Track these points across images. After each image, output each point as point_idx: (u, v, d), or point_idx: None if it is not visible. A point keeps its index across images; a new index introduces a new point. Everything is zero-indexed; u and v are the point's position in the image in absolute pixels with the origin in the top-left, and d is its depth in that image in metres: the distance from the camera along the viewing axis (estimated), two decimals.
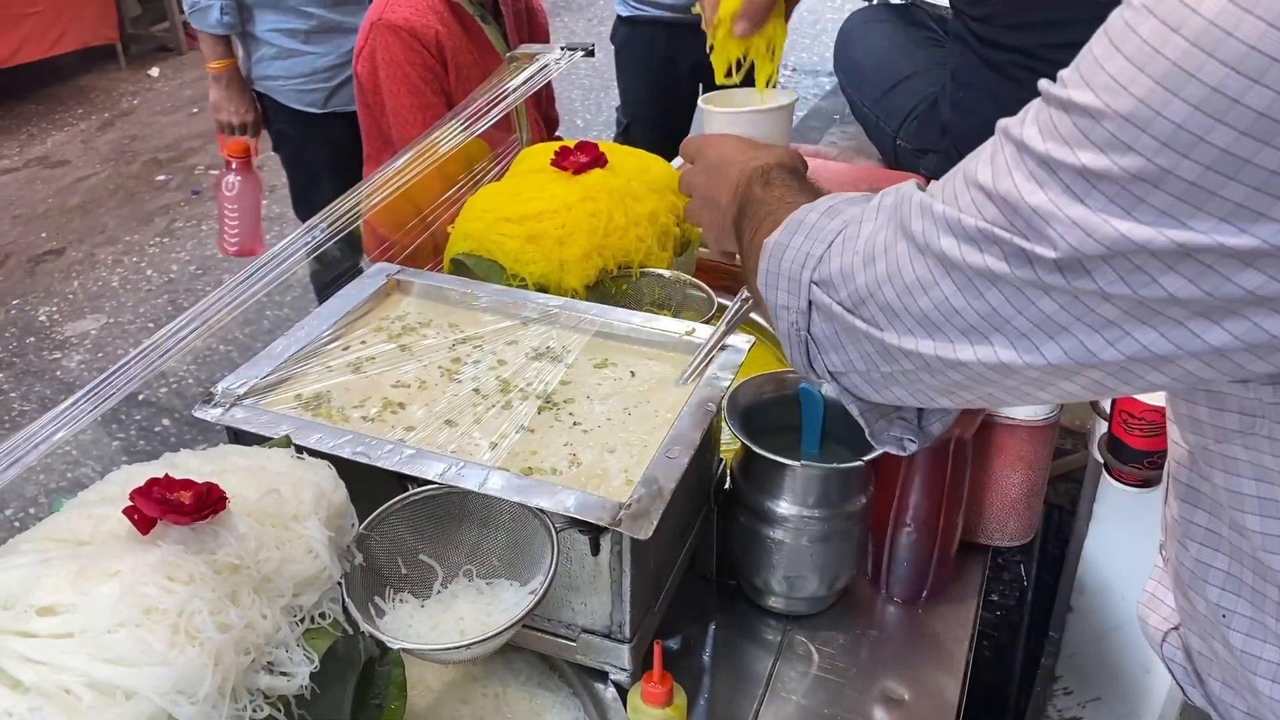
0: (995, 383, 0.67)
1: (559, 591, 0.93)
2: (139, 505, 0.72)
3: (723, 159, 1.02)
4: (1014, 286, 0.61)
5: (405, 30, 1.98)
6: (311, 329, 1.10)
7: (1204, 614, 0.75)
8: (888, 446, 0.84)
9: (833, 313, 0.75)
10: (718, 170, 1.01)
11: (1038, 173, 0.58)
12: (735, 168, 0.98)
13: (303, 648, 0.74)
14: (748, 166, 0.97)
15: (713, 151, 1.04)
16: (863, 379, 0.77)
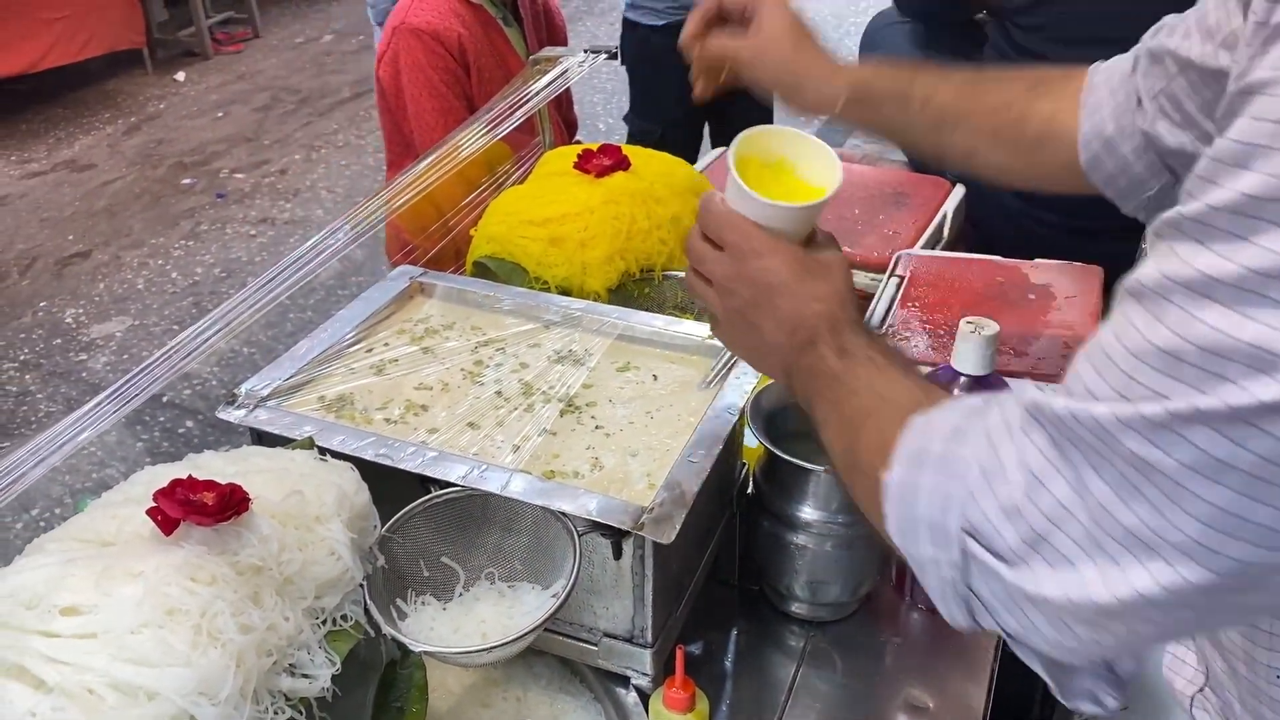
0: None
1: (580, 595, 0.92)
2: (162, 506, 0.72)
3: (773, 286, 0.82)
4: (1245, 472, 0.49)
5: (428, 34, 1.99)
6: (335, 331, 1.10)
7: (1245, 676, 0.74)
8: (1080, 703, 0.67)
9: (998, 574, 0.59)
10: (767, 297, 0.83)
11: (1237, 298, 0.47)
12: (791, 304, 0.81)
13: (325, 650, 0.74)
14: (810, 312, 0.80)
15: (759, 265, 0.83)
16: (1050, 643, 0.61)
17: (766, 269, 0.83)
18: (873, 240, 1.52)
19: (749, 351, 0.90)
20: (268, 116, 5.71)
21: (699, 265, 0.88)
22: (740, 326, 0.87)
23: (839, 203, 1.64)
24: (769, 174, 0.88)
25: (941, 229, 1.58)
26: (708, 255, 0.87)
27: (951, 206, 1.62)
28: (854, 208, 1.62)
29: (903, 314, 1.27)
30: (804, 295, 0.82)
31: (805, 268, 0.83)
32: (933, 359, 1.16)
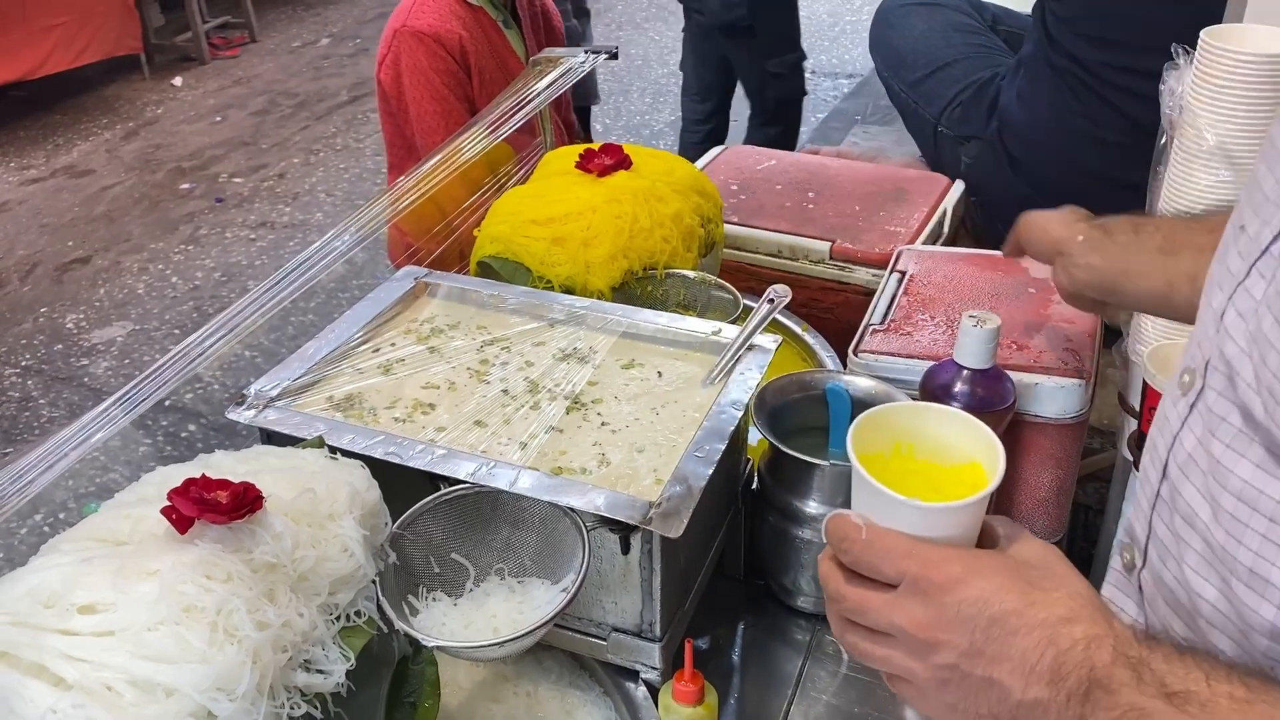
0: None
1: (589, 590, 0.93)
2: (177, 505, 0.73)
3: (997, 620, 0.61)
4: None
5: (430, 36, 2.00)
6: (342, 332, 1.11)
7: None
8: None
9: None
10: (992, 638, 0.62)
11: None
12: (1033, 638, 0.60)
13: (339, 645, 0.75)
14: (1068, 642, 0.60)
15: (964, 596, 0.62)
16: None
17: (978, 599, 0.62)
18: (874, 236, 1.53)
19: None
20: (265, 120, 5.72)
21: (862, 617, 0.66)
22: (963, 689, 0.64)
23: (839, 199, 1.65)
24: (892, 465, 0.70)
25: (942, 224, 1.59)
26: (874, 602, 0.65)
27: (952, 202, 1.63)
28: (855, 204, 1.63)
29: (904, 309, 1.28)
30: (1047, 619, 0.61)
31: (1026, 580, 0.63)
32: (935, 353, 1.17)
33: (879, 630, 0.65)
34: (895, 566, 0.64)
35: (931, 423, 0.71)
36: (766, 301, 1.12)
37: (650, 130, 5.37)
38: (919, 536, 0.64)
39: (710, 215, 1.40)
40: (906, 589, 0.63)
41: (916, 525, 0.64)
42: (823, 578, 0.69)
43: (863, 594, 0.65)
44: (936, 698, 0.65)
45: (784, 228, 1.58)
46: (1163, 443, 0.73)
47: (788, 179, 1.72)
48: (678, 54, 3.96)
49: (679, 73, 3.98)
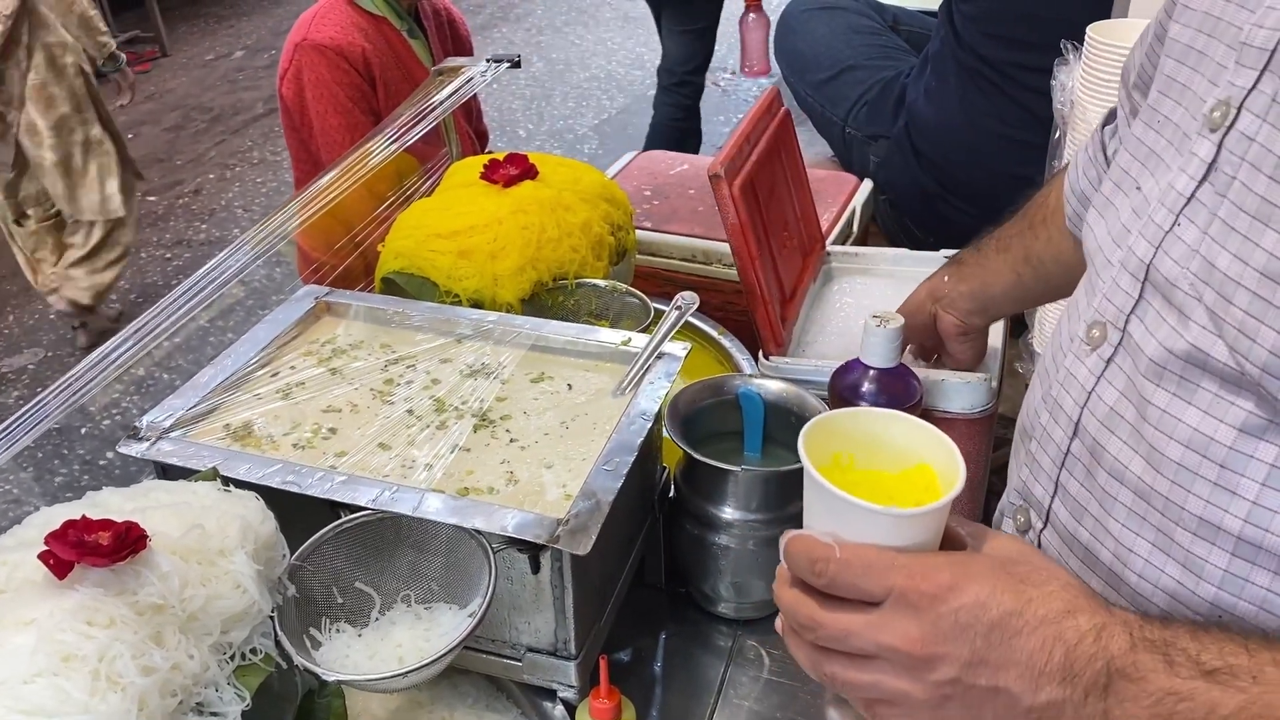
0: None
1: (502, 612, 0.91)
2: (54, 549, 0.70)
3: (997, 624, 0.58)
4: None
5: (331, 50, 1.96)
6: (239, 356, 1.07)
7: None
8: None
9: None
10: (994, 644, 0.58)
11: None
12: (1038, 638, 0.57)
13: (234, 686, 0.73)
14: (1073, 635, 0.57)
15: (959, 605, 0.58)
16: None
17: (974, 604, 0.58)
18: None
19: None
20: (179, 136, 5.59)
21: (841, 643, 0.61)
22: (966, 703, 0.59)
23: None
24: (835, 476, 0.64)
25: (852, 223, 1.60)
26: (856, 624, 0.60)
27: (860, 201, 1.64)
28: None
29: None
30: (1048, 616, 0.57)
31: (1016, 576, 0.59)
32: (843, 354, 1.17)
33: (863, 654, 0.61)
34: (879, 582, 0.59)
35: (876, 428, 0.68)
36: (674, 309, 1.12)
37: (574, 135, 5.36)
38: (892, 547, 0.60)
39: (620, 223, 1.39)
40: (894, 605, 0.59)
41: (890, 535, 0.60)
42: (789, 606, 0.64)
43: (843, 618, 0.60)
44: (933, 717, 0.60)
45: (697, 232, 1.57)
46: (1069, 399, 0.73)
47: (700, 182, 1.72)
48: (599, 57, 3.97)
49: (600, 76, 3.99)
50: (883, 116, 1.87)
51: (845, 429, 0.68)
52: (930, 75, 1.80)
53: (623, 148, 3.12)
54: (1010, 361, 1.37)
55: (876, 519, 0.60)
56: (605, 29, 6.86)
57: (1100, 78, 1.11)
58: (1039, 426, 0.79)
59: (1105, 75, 1.11)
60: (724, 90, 5.74)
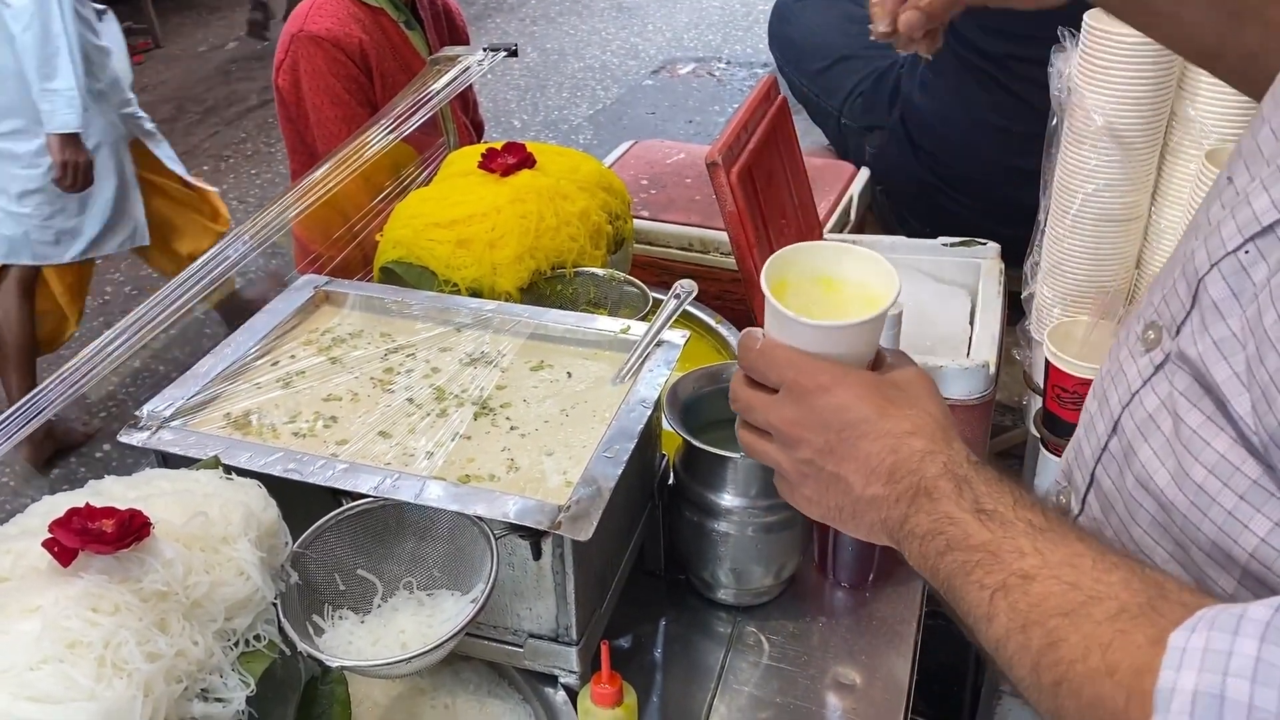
0: None
1: (503, 598, 0.92)
2: (58, 537, 0.70)
3: (850, 424, 0.69)
4: None
5: (328, 40, 1.96)
6: (238, 346, 1.08)
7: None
8: None
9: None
10: (845, 439, 0.69)
11: None
12: (880, 443, 0.68)
13: (238, 672, 0.73)
14: (907, 450, 0.67)
15: (827, 401, 0.70)
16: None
17: (838, 405, 0.69)
18: None
19: (835, 511, 0.73)
20: (173, 128, 5.56)
21: (749, 415, 0.75)
22: (818, 482, 0.72)
23: None
24: (811, 294, 0.76)
25: (849, 212, 1.61)
26: (758, 402, 0.73)
27: (858, 189, 1.64)
28: None
29: None
30: (893, 430, 0.68)
31: (884, 395, 0.70)
32: None
33: (758, 429, 0.74)
34: (778, 373, 0.72)
35: (851, 260, 0.76)
36: (673, 297, 1.12)
37: (569, 125, 5.35)
38: (812, 354, 0.71)
39: (618, 211, 1.39)
40: (783, 393, 0.72)
41: (809, 343, 0.71)
42: (732, 387, 0.77)
43: (752, 394, 0.74)
44: (799, 490, 0.74)
45: (694, 220, 1.58)
46: (1115, 396, 0.72)
47: (697, 172, 1.72)
48: (593, 47, 3.96)
49: (595, 67, 3.98)
50: (878, 107, 1.87)
51: (815, 258, 0.78)
52: (925, 68, 1.80)
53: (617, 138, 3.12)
54: (1008, 349, 1.37)
55: (795, 326, 0.71)
56: (599, 19, 6.84)
57: (1098, 65, 1.11)
58: (1088, 414, 0.78)
59: (1103, 62, 1.11)
60: (719, 79, 5.74)
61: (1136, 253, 1.26)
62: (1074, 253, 1.25)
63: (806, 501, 0.75)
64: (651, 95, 5.65)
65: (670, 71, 5.93)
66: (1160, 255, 1.23)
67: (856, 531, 0.73)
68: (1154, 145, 1.17)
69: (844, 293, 0.77)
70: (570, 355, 1.11)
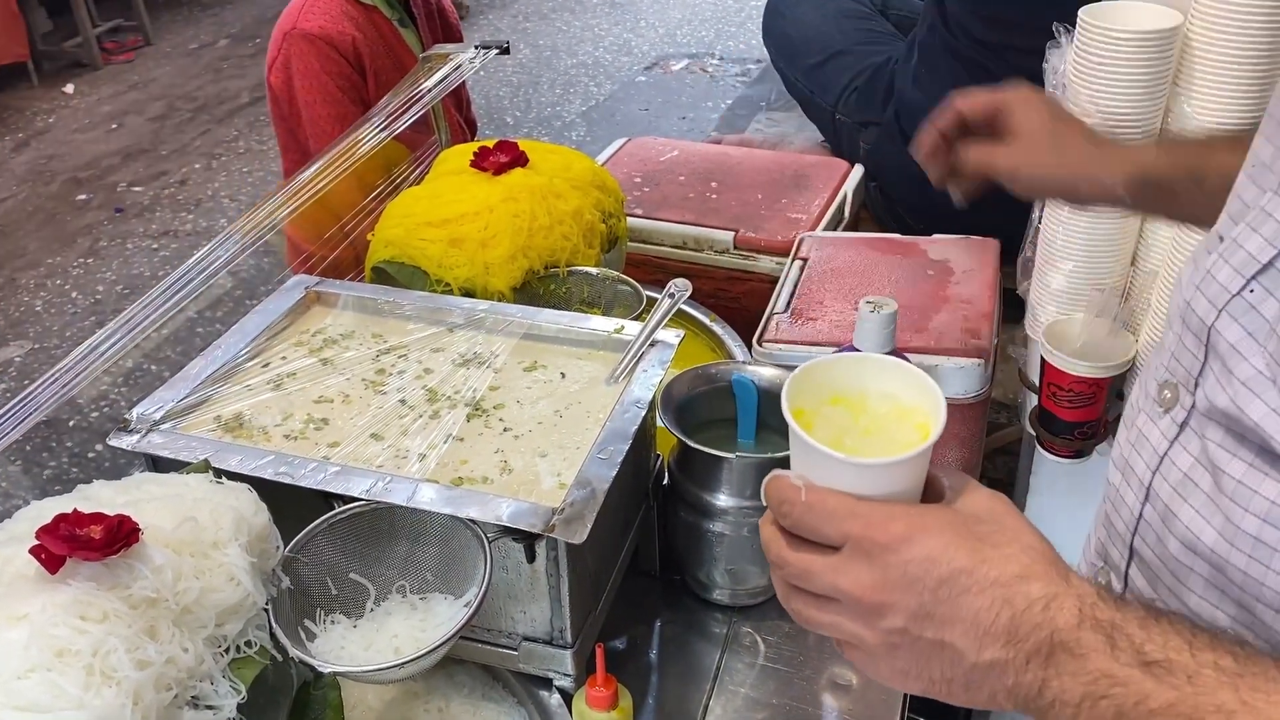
0: None
1: (497, 601, 0.91)
2: (46, 543, 0.69)
3: (946, 580, 0.58)
4: None
5: (321, 39, 1.94)
6: (229, 347, 1.07)
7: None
8: None
9: None
10: (942, 599, 0.58)
11: None
12: (987, 597, 0.57)
13: (229, 679, 0.72)
14: (1024, 600, 0.57)
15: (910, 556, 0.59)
16: None
17: (925, 558, 0.58)
18: (776, 224, 1.53)
19: (942, 684, 0.61)
20: (164, 126, 5.54)
21: (805, 582, 0.62)
22: (914, 653, 0.60)
23: (741, 188, 1.65)
24: (838, 421, 0.66)
25: (843, 209, 1.60)
26: (816, 566, 0.61)
27: (852, 186, 1.64)
28: (757, 192, 1.63)
29: (807, 296, 1.28)
30: (999, 578, 0.57)
31: (974, 535, 0.59)
32: (838, 339, 1.17)
33: (824, 595, 0.61)
34: (837, 528, 0.60)
35: (868, 375, 0.67)
36: (667, 296, 1.11)
37: (561, 122, 5.34)
38: (860, 495, 0.61)
39: (611, 210, 1.38)
40: (850, 551, 0.60)
41: (856, 483, 0.60)
42: (764, 543, 0.65)
43: (805, 558, 0.62)
44: (888, 663, 0.62)
45: (688, 219, 1.57)
46: (1141, 463, 0.69)
47: (690, 169, 1.72)
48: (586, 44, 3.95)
49: (588, 63, 3.97)
50: (873, 103, 1.86)
51: (832, 375, 0.67)
52: (919, 63, 1.80)
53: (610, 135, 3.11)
54: (1003, 346, 1.37)
55: (840, 466, 0.60)
56: (592, 15, 6.82)
57: (1092, 61, 1.11)
58: (1112, 487, 0.74)
59: (1097, 58, 1.10)
60: (712, 76, 5.73)
61: (1132, 250, 1.26)
62: (1069, 250, 1.24)
63: (900, 675, 0.62)
64: (644, 92, 5.64)
65: (663, 68, 5.91)
66: (1156, 252, 1.22)
67: (973, 702, 0.60)
68: (1149, 141, 1.17)
69: (871, 410, 0.67)
70: (564, 355, 1.11)
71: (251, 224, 1.20)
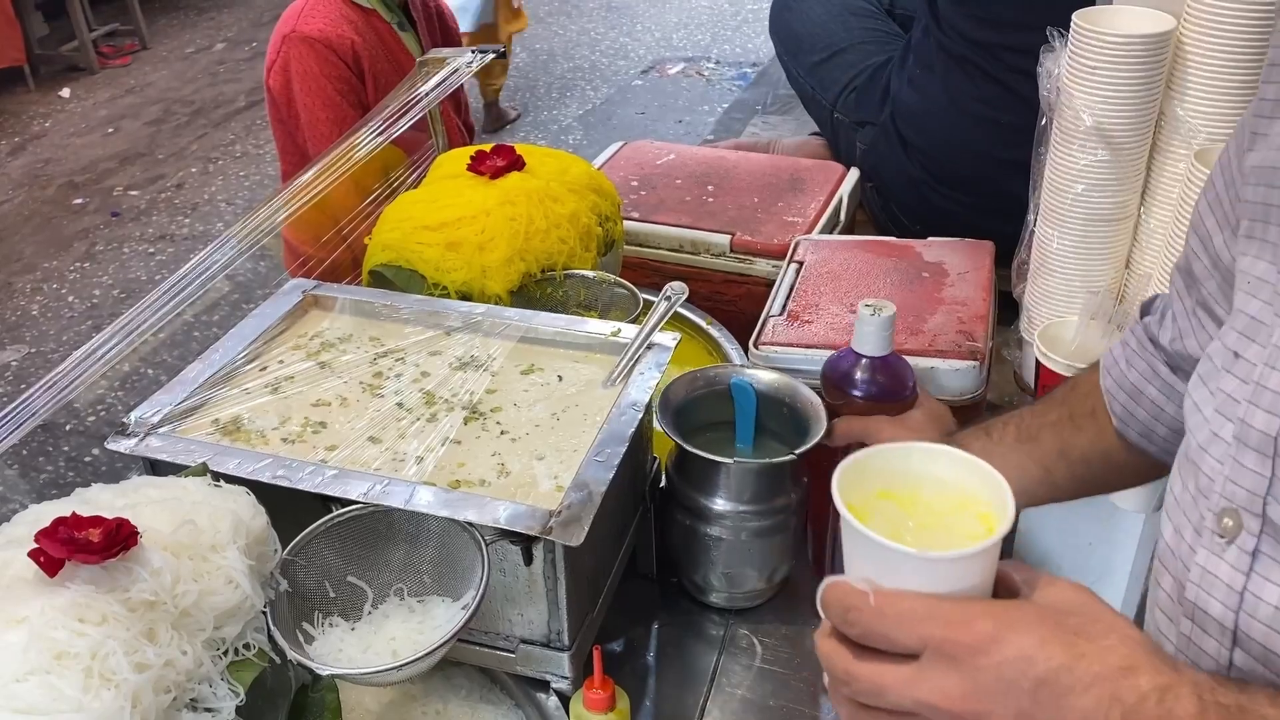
0: None
1: (495, 603, 0.91)
2: (45, 547, 0.70)
3: (1046, 681, 0.53)
4: None
5: (320, 42, 1.95)
6: (227, 351, 1.07)
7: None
8: None
9: None
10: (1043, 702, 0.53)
11: None
12: (1093, 696, 0.53)
13: (227, 681, 0.72)
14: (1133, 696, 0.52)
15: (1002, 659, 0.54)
16: None
17: (1018, 658, 0.53)
18: (772, 227, 1.53)
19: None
20: (160, 130, 5.54)
21: (877, 699, 0.56)
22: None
23: (738, 191, 1.65)
24: (891, 516, 0.61)
25: (839, 213, 1.60)
26: (891, 678, 0.56)
27: (848, 189, 1.64)
28: (753, 195, 1.64)
29: (803, 299, 1.28)
30: (1103, 673, 0.52)
31: (1066, 628, 0.54)
32: (834, 342, 1.18)
33: (901, 711, 0.56)
34: (915, 633, 0.54)
35: (916, 463, 0.63)
36: (664, 299, 1.12)
37: (558, 125, 5.34)
38: (933, 594, 0.55)
39: (608, 213, 1.39)
40: (931, 657, 0.54)
41: (929, 581, 0.55)
42: (825, 658, 0.59)
43: (878, 670, 0.56)
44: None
45: (684, 222, 1.57)
46: (1217, 605, 0.61)
47: (687, 173, 1.72)
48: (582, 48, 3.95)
49: (584, 67, 3.97)
50: (870, 103, 1.87)
51: (883, 465, 0.63)
52: (914, 63, 1.80)
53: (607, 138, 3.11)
54: (998, 348, 1.37)
55: (912, 563, 0.55)
56: (588, 19, 6.83)
57: (1086, 65, 1.11)
58: (1182, 636, 0.65)
59: (1091, 63, 1.11)
60: (708, 79, 5.74)
61: (1126, 253, 1.26)
62: (1063, 253, 1.25)
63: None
64: (641, 95, 5.65)
65: (659, 71, 5.92)
66: (1150, 255, 1.23)
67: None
68: (1143, 145, 1.17)
69: (924, 503, 0.63)
70: (561, 358, 1.11)
71: (249, 228, 1.20)
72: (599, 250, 1.35)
